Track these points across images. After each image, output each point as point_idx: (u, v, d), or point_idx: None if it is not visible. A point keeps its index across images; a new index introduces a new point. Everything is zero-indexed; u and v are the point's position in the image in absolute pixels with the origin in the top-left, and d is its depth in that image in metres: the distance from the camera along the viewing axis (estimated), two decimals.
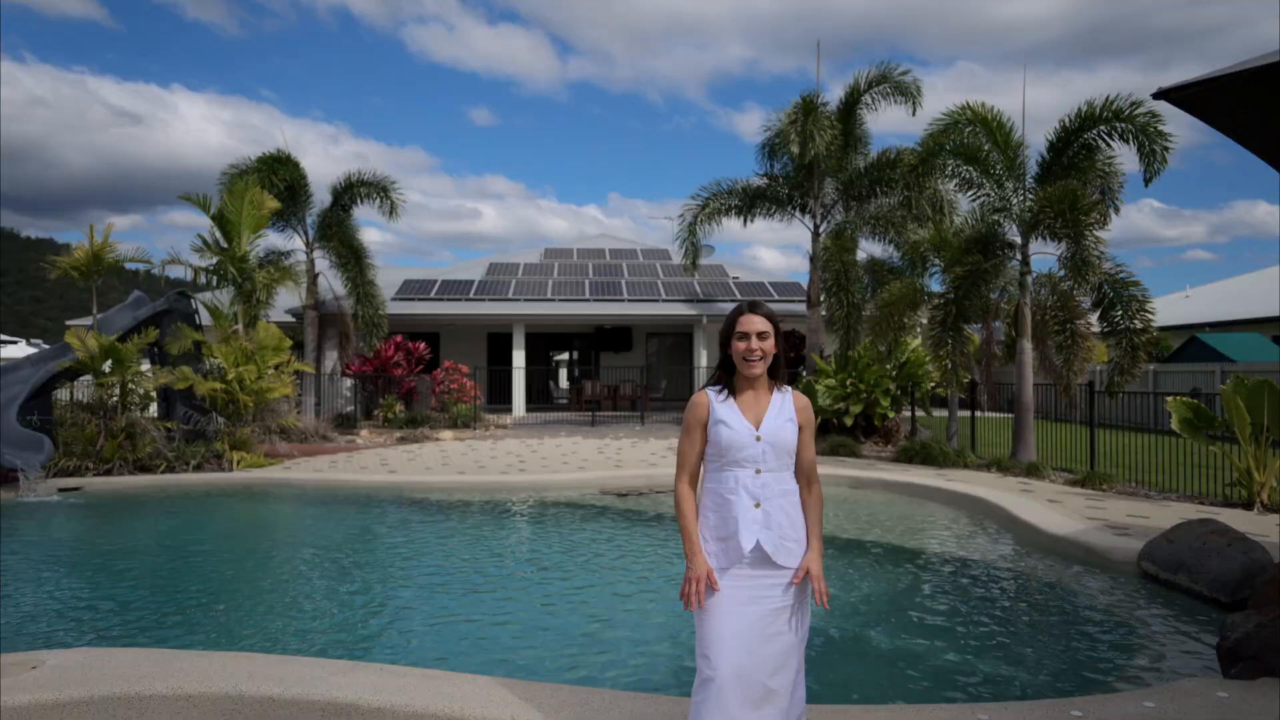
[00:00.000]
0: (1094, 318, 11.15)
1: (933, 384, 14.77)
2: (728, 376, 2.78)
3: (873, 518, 8.48)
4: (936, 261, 13.71)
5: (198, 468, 11.04)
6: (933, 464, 11.51)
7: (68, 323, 18.26)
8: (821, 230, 16.86)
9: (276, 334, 12.27)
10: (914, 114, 15.73)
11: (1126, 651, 4.49)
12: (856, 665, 4.28)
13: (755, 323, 2.70)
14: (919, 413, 15.94)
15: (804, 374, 17.07)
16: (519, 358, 21.52)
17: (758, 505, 2.66)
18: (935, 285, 14.69)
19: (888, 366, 14.99)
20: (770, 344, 2.72)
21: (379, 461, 12.22)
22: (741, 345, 2.69)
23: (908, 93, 15.67)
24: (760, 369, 2.71)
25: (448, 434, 16.15)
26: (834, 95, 16.43)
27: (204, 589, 5.88)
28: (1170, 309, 28.45)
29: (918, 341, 15.15)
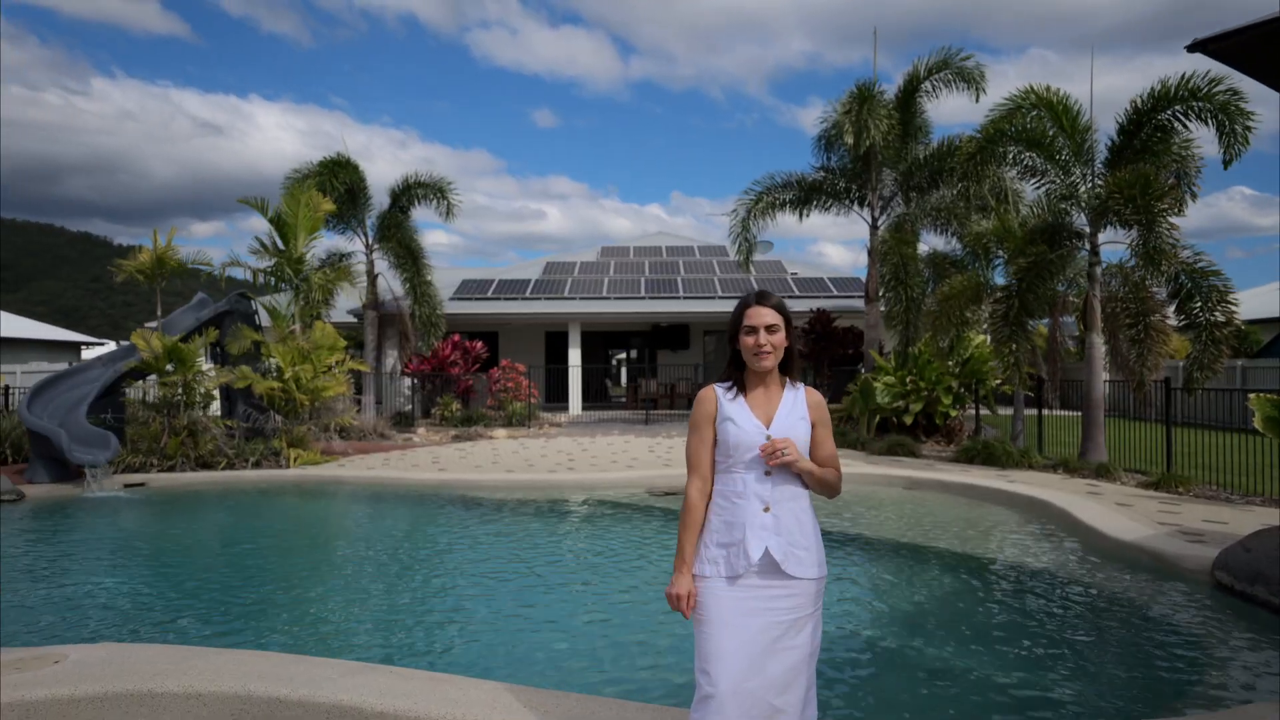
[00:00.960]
0: (1171, 310, 10.52)
1: (997, 381, 14.19)
2: (737, 373, 2.61)
3: (926, 520, 8.13)
4: (1000, 253, 13.15)
5: (256, 464, 11.30)
6: (995, 464, 11.03)
7: (148, 325, 19.00)
8: (880, 223, 16.38)
9: (332, 334, 12.50)
10: (977, 101, 15.14)
11: (1193, 669, 4.14)
12: (902, 680, 4.03)
13: (764, 315, 2.51)
14: (983, 411, 15.35)
15: (863, 371, 16.63)
16: (574, 356, 21.54)
17: (767, 509, 2.48)
18: (1000, 278, 14.12)
19: (950, 363, 14.47)
20: (781, 337, 2.53)
21: (431, 459, 12.33)
22: (750, 340, 2.51)
23: (970, 79, 15.10)
24: (771, 364, 2.52)
25: (501, 432, 16.25)
26: (897, 86, 15.90)
27: (245, 585, 5.95)
28: (1260, 301, 26.85)
29: (982, 337, 14.58)
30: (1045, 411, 12.69)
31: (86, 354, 32.48)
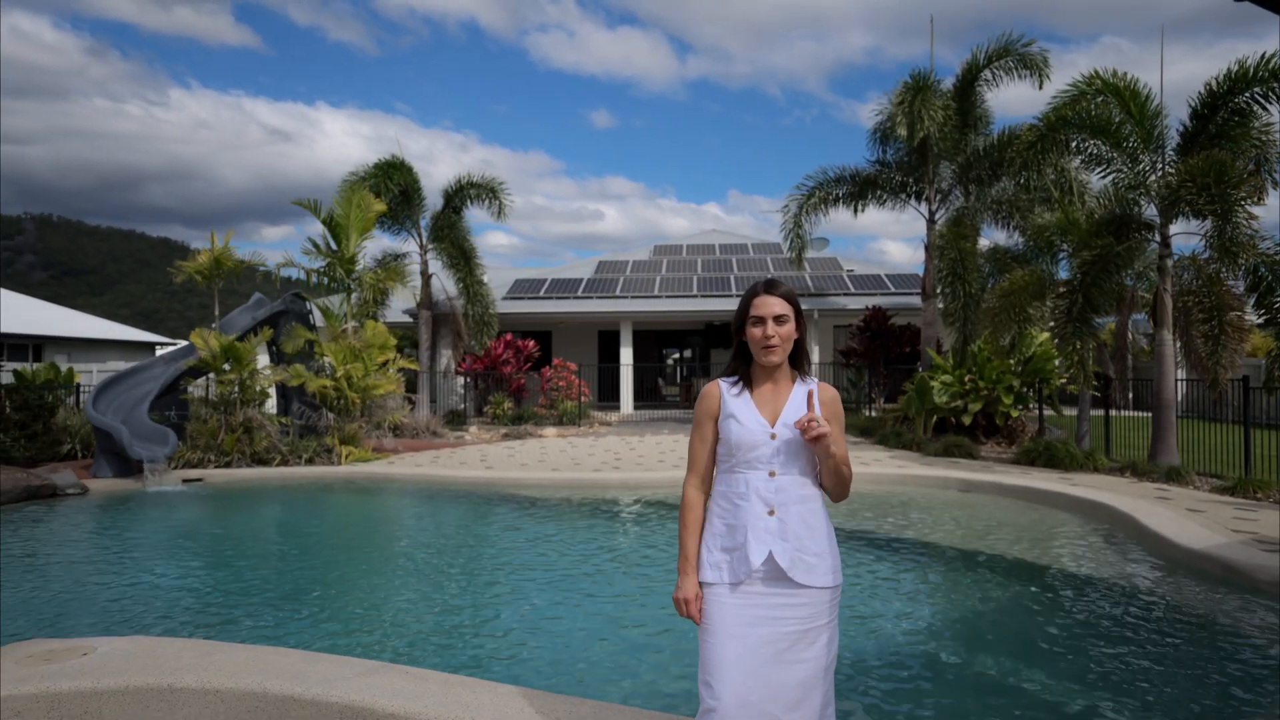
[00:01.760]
0: (1250, 305, 9.91)
1: (1062, 380, 13.62)
2: (744, 367, 2.46)
3: (980, 525, 7.80)
4: (1064, 246, 12.60)
5: (309, 461, 11.51)
6: (1057, 466, 10.56)
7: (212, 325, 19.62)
8: (938, 217, 15.90)
9: (383, 332, 12.68)
10: (1040, 88, 14.61)
11: (1266, 693, 3.82)
12: (949, 694, 3.81)
13: (772, 305, 2.35)
14: (1048, 412, 14.75)
15: (919, 370, 16.16)
16: (626, 355, 21.49)
17: (771, 512, 2.33)
18: (1064, 273, 13.55)
19: (1011, 361, 13.94)
20: (790, 329, 2.37)
21: (479, 458, 12.40)
22: (757, 331, 2.35)
23: (1033, 65, 14.55)
24: (778, 358, 2.36)
25: (551, 431, 16.27)
26: (955, 75, 15.39)
27: (287, 579, 6.02)
28: None
29: (1046, 335, 14.01)
30: (1113, 412, 12.11)
31: (161, 354, 33.74)
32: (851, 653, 4.26)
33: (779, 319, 2.35)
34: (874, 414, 17.05)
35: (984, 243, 15.60)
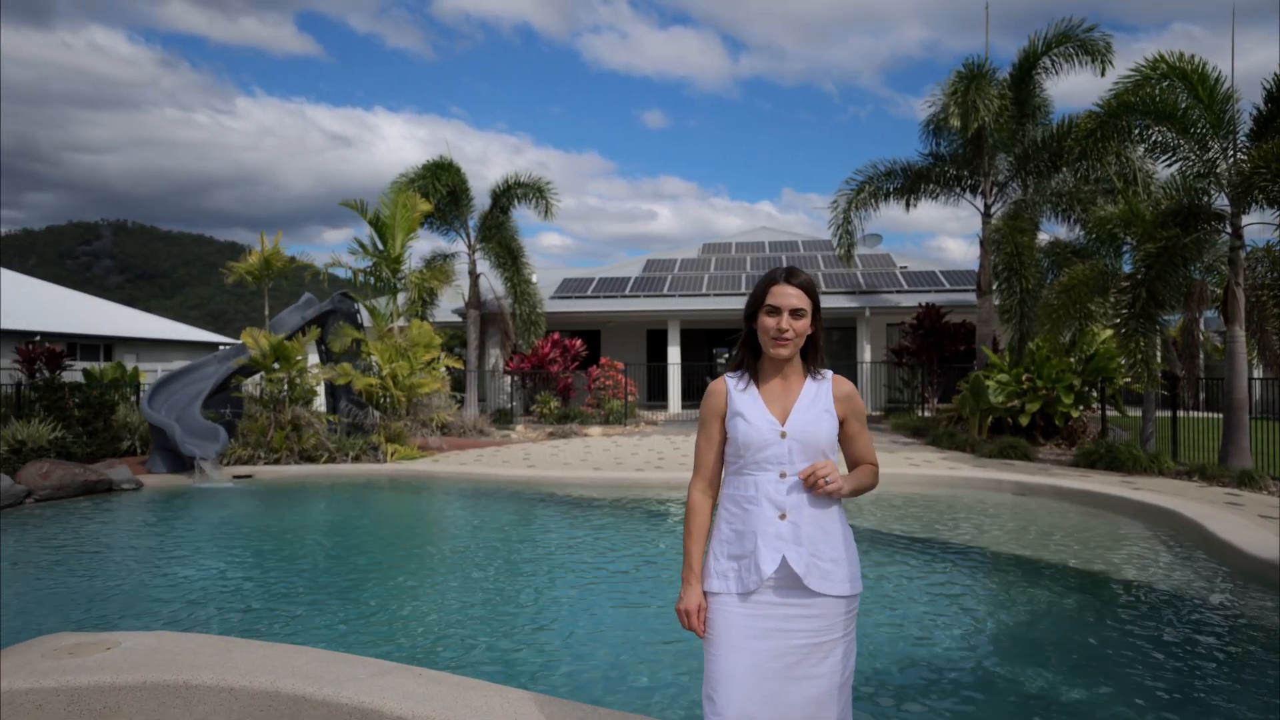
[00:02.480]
0: None
1: (1126, 379, 13.03)
2: (751, 358, 2.31)
3: (1035, 530, 7.46)
4: (1127, 239, 12.04)
5: (356, 459, 11.65)
6: (1119, 469, 10.08)
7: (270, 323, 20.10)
8: (994, 211, 15.39)
9: (428, 331, 12.78)
10: (1103, 74, 13.98)
11: None
12: (996, 711, 3.59)
13: (789, 296, 2.18)
14: (1111, 412, 14.14)
15: (974, 369, 15.66)
16: (674, 354, 21.34)
17: (783, 516, 2.17)
18: (1129, 268, 12.96)
19: (1071, 359, 13.40)
20: (805, 324, 2.21)
21: (522, 456, 12.39)
22: (771, 322, 2.19)
23: (1095, 52, 13.96)
24: (788, 353, 2.20)
25: (597, 430, 16.23)
26: (1013, 63, 14.86)
27: (323, 574, 6.05)
28: None
29: (1109, 332, 13.42)
30: (1181, 413, 11.51)
31: (214, 353, 34.81)
32: (893, 664, 4.07)
33: (795, 313, 2.19)
34: (927, 414, 16.59)
35: (1043, 237, 15.05)
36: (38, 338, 23.10)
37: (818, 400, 2.22)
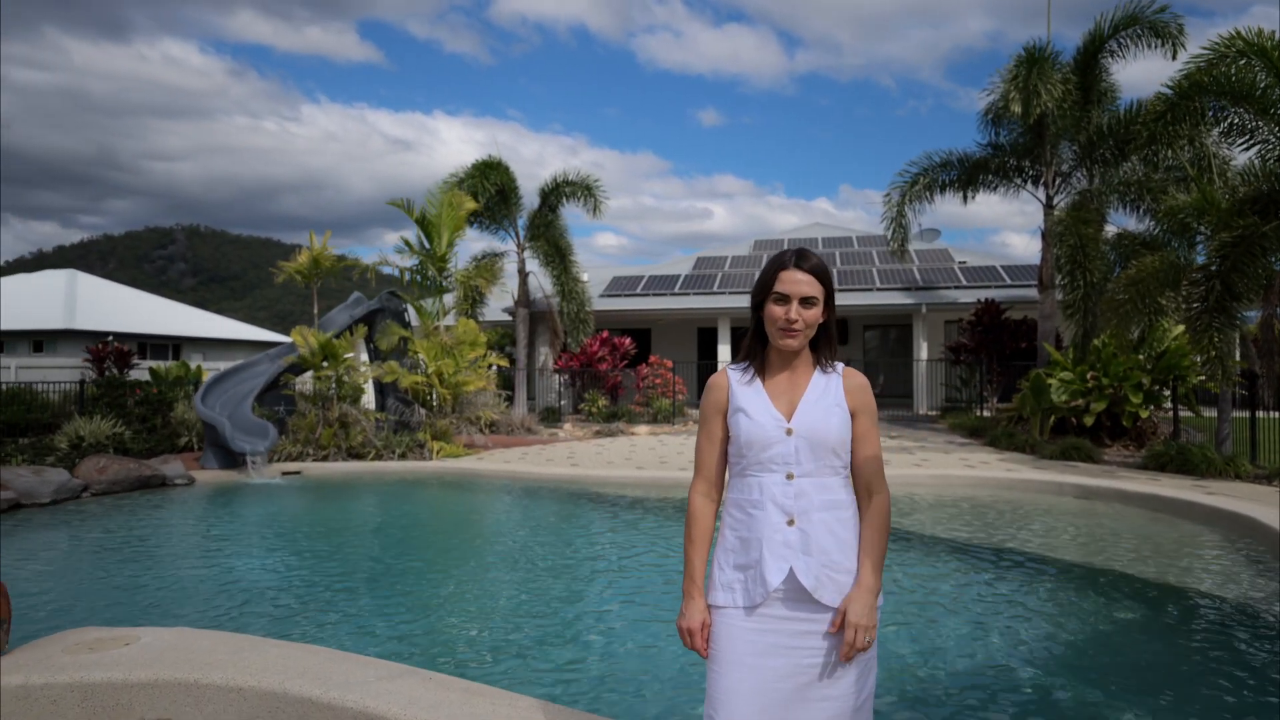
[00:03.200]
0: None
1: (1199, 377, 12.34)
2: (760, 349, 2.11)
3: (1098, 536, 7.05)
4: (1200, 229, 11.38)
5: (402, 456, 11.72)
6: (1190, 472, 9.52)
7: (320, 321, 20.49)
8: (1057, 202, 14.76)
9: (474, 330, 12.80)
10: (1174, 57, 13.27)
11: None
12: None
13: (800, 283, 1.98)
14: (1184, 412, 13.42)
15: (1036, 366, 15.05)
16: (724, 352, 21.08)
17: (791, 522, 1.98)
18: (1203, 259, 12.26)
19: (1140, 357, 12.75)
20: (816, 313, 2.00)
21: (566, 454, 12.32)
22: (778, 310, 1.99)
23: (1165, 34, 13.26)
24: (797, 344, 2.00)
25: (644, 429, 16.08)
26: (1077, 48, 14.22)
27: (360, 571, 6.03)
28: None
29: (1181, 327, 12.73)
30: (1260, 413, 10.83)
31: (267, 351, 35.78)
32: (942, 677, 3.81)
33: (806, 301, 1.99)
34: (986, 414, 16.01)
35: (1110, 229, 14.37)
36: (110, 338, 24.00)
37: (827, 394, 2.01)
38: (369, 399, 13.30)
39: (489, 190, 17.84)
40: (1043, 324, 14.85)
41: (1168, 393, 12.74)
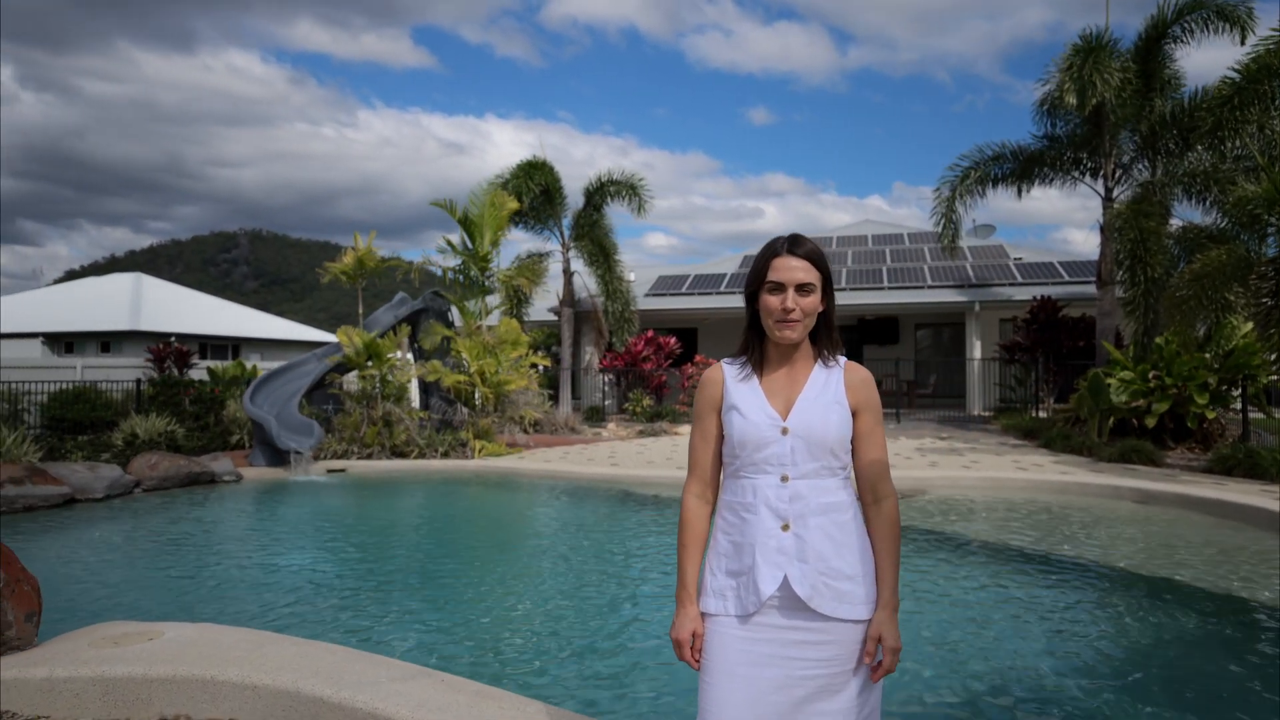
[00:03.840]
0: None
1: (1272, 376, 11.74)
2: (758, 343, 2.00)
3: (1158, 543, 6.72)
4: (1271, 220, 10.80)
5: (445, 455, 11.80)
6: (1261, 477, 9.03)
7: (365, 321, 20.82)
8: (1116, 195, 14.19)
9: (515, 329, 12.84)
10: (1243, 42, 12.64)
11: None
12: None
13: (794, 270, 1.87)
14: (1255, 413, 12.78)
15: (1094, 366, 14.50)
16: None
17: (786, 527, 1.86)
18: (1273, 252, 11.63)
19: (1206, 355, 12.18)
20: (814, 300, 1.88)
21: (608, 454, 12.27)
22: (774, 300, 1.88)
23: (1232, 18, 12.65)
24: (796, 335, 1.89)
25: (686, 428, 15.95)
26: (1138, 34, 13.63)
27: (389, 568, 6.05)
28: None
29: (1250, 324, 12.11)
30: None
31: (315, 351, 36.56)
32: (984, 692, 3.63)
33: (802, 288, 1.87)
34: (1042, 415, 15.48)
35: (1174, 222, 13.76)
36: (172, 339, 24.78)
37: (827, 390, 1.89)
38: (414, 398, 13.44)
39: (533, 190, 17.89)
40: (1101, 321, 14.30)
41: (1236, 393, 12.15)
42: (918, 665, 3.90)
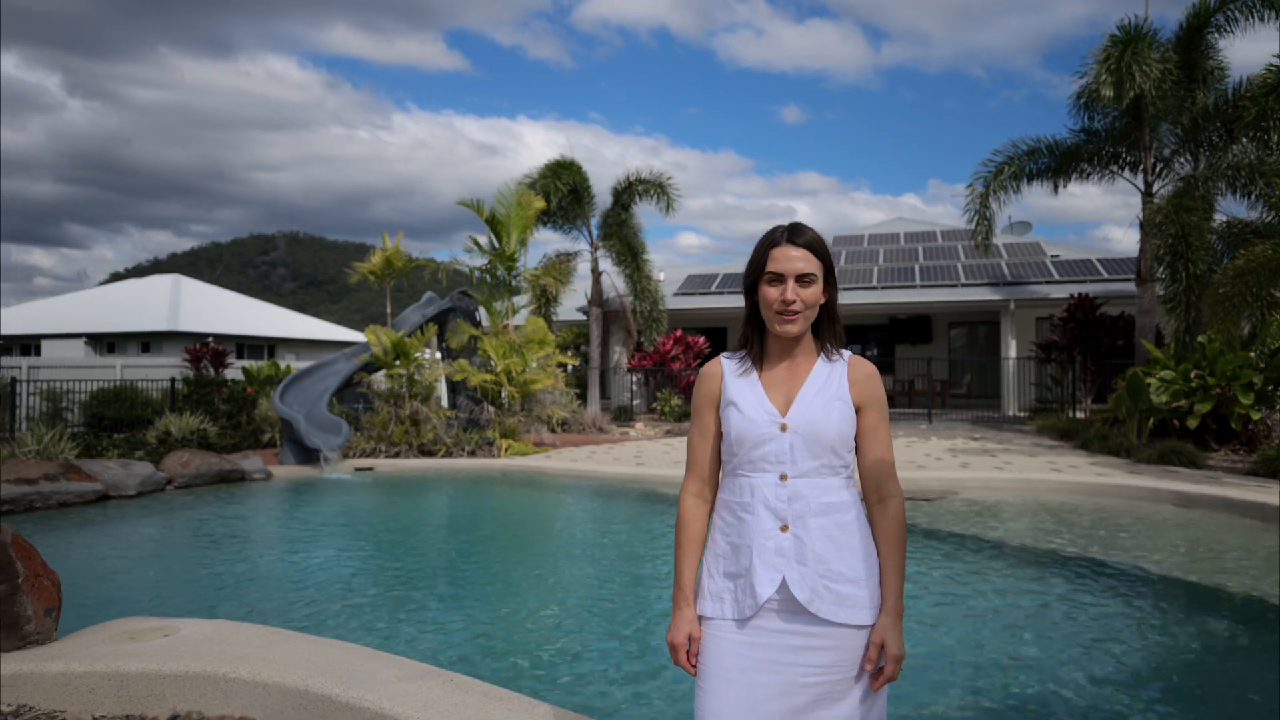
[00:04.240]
0: None
1: None
2: (759, 337, 1.92)
3: (1198, 549, 6.50)
4: None
5: (472, 453, 11.84)
6: None
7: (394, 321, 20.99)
8: (1157, 189, 13.82)
9: (542, 328, 12.85)
10: None
11: None
12: None
13: (794, 259, 1.79)
14: None
15: (1134, 364, 14.12)
16: None
17: (784, 528, 1.78)
18: None
19: (1252, 354, 11.80)
20: (815, 291, 1.81)
21: (634, 454, 12.21)
22: (774, 292, 1.81)
23: (1278, 6, 12.22)
24: (797, 329, 1.81)
25: None
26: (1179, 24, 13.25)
27: (413, 566, 6.06)
28: None
29: None
30: None
31: (344, 350, 37.00)
32: (1019, 701, 3.51)
33: (803, 279, 1.79)
34: (1080, 415, 15.12)
35: (1218, 218, 13.36)
36: (209, 339, 25.23)
37: (829, 385, 1.81)
38: (441, 397, 13.51)
39: (561, 190, 17.91)
40: (1141, 319, 13.94)
41: None
42: (945, 674, 3.78)
